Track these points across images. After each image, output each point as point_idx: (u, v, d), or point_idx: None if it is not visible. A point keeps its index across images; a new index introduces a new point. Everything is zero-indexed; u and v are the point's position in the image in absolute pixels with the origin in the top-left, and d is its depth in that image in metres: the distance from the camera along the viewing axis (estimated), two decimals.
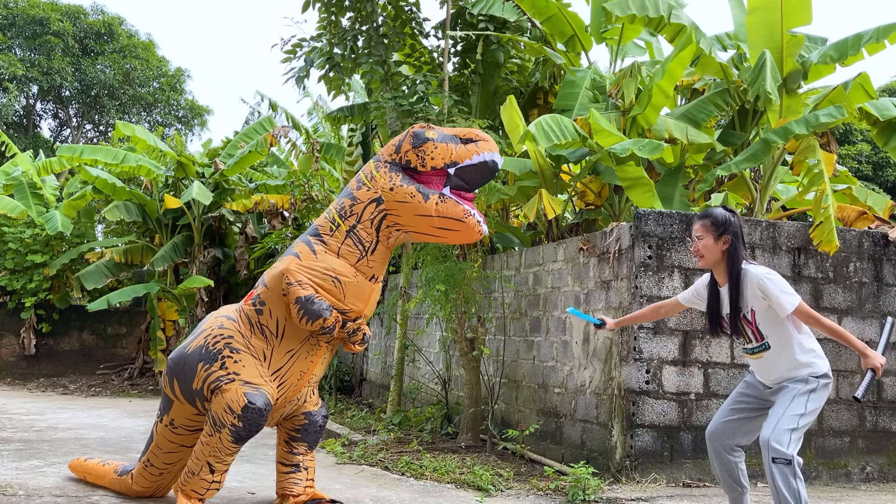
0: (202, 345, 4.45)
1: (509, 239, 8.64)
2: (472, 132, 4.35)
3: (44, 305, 13.61)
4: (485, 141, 4.29)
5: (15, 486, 4.98)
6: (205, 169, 12.85)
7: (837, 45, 7.22)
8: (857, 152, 19.82)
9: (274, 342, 4.38)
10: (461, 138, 4.32)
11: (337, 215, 4.43)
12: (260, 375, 4.34)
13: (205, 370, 4.37)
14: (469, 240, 4.37)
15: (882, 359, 3.78)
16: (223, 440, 4.26)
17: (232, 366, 4.34)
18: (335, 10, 9.37)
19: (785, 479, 3.58)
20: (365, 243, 4.38)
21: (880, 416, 6.35)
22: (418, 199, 4.24)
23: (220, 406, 4.26)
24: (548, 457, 6.56)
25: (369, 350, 11.29)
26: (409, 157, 4.33)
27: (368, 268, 4.40)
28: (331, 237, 4.39)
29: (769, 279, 3.80)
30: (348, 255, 4.36)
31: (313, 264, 4.32)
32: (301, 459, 4.67)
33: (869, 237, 6.54)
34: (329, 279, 4.30)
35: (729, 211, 3.96)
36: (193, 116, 28.96)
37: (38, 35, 24.81)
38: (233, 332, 4.44)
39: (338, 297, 4.32)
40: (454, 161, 4.24)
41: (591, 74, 8.19)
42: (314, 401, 4.73)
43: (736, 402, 4.02)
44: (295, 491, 4.60)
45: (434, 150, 4.27)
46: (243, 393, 4.23)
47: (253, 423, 4.23)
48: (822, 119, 6.41)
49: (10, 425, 7.91)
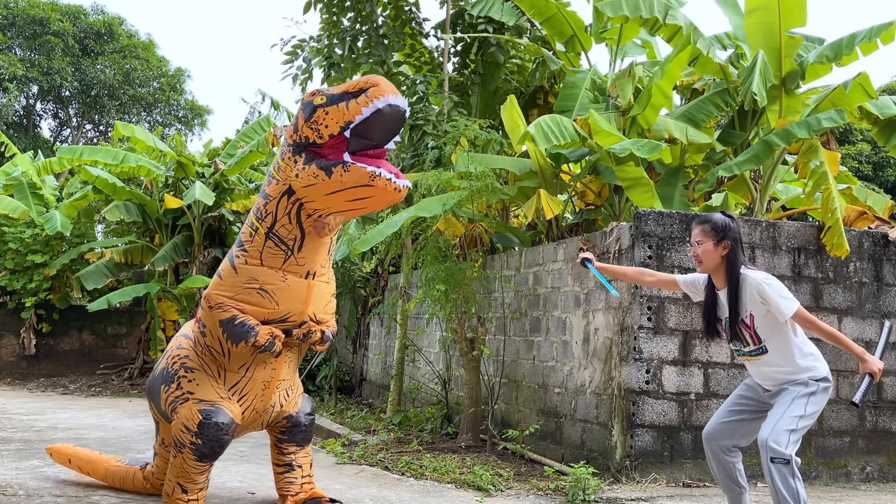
0: (165, 366, 4.47)
1: (509, 239, 8.64)
2: (362, 81, 3.83)
3: (44, 305, 13.61)
4: (375, 86, 3.76)
5: (15, 486, 4.98)
6: (205, 169, 12.85)
7: (833, 46, 7.23)
8: (858, 152, 19.81)
9: (223, 361, 4.27)
10: (350, 92, 3.81)
11: (254, 219, 4.15)
12: (216, 393, 4.25)
13: (165, 391, 4.37)
14: (389, 201, 3.92)
15: (880, 363, 3.78)
16: (187, 460, 4.19)
17: (186, 385, 4.28)
18: (336, 11, 9.38)
19: (784, 478, 3.59)
20: (288, 242, 4.08)
21: (880, 416, 6.36)
22: (322, 176, 3.84)
23: (178, 427, 4.20)
24: (548, 457, 6.56)
25: (369, 350, 11.29)
26: (306, 133, 3.92)
27: (299, 265, 4.13)
28: (252, 244, 4.13)
29: (768, 284, 3.80)
30: (272, 259, 4.10)
31: (234, 281, 4.12)
32: (293, 458, 4.62)
33: (869, 237, 6.54)
34: (253, 291, 4.08)
35: (727, 216, 3.97)
36: (193, 116, 28.98)
37: (38, 35, 24.81)
38: (188, 352, 4.39)
39: (269, 307, 4.11)
40: (347, 121, 3.79)
41: (590, 75, 8.19)
42: (294, 402, 4.63)
43: (735, 404, 4.03)
44: (292, 490, 4.57)
45: (326, 116, 3.82)
46: (197, 410, 4.16)
47: (213, 439, 4.14)
48: (824, 123, 6.43)
49: (10, 425, 7.91)
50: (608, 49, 8.88)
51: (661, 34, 7.93)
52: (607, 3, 7.34)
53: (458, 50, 9.74)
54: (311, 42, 9.54)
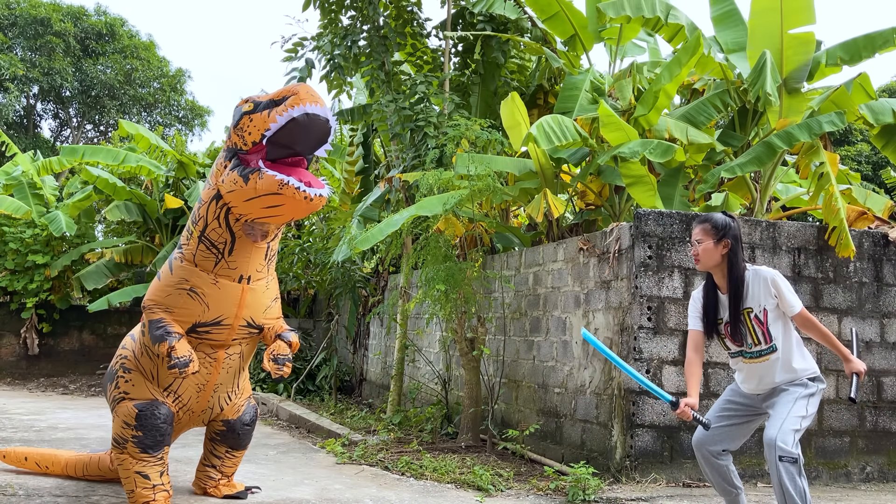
0: (111, 365, 4.62)
1: (509, 239, 8.64)
2: (286, 89, 3.84)
3: (44, 305, 13.61)
4: (294, 94, 3.76)
5: (15, 486, 4.98)
6: (205, 169, 12.86)
7: (846, 46, 7.22)
8: (857, 153, 19.80)
9: (157, 361, 4.33)
10: (275, 100, 3.83)
11: (190, 222, 4.26)
12: (151, 393, 4.36)
13: (109, 391, 4.52)
14: (303, 209, 3.86)
15: (862, 364, 3.95)
16: (132, 454, 4.27)
17: (123, 385, 4.42)
18: (335, 10, 9.38)
19: (791, 477, 3.61)
20: (218, 245, 4.11)
21: (880, 416, 6.36)
22: (240, 182, 3.87)
23: (118, 426, 4.35)
24: (548, 457, 6.56)
25: (369, 350, 11.29)
26: (234, 140, 3.99)
27: (231, 269, 4.15)
28: (188, 247, 4.21)
29: (780, 277, 3.90)
30: (204, 262, 4.15)
31: (169, 280, 4.21)
32: (220, 462, 4.79)
33: (869, 237, 6.54)
34: (184, 292, 4.14)
35: (728, 216, 3.99)
36: (193, 117, 28.99)
37: (39, 35, 24.82)
38: (128, 353, 4.51)
39: (198, 309, 4.15)
40: (267, 129, 3.80)
41: (590, 76, 8.19)
42: (236, 408, 4.69)
43: (723, 410, 4.04)
44: (209, 484, 4.79)
45: (249, 123, 3.87)
46: (133, 405, 4.30)
47: (153, 428, 4.25)
48: (825, 126, 6.44)
49: (10, 425, 7.91)
50: (607, 49, 8.87)
51: (662, 34, 7.93)
52: (609, 3, 7.34)
53: (459, 50, 9.74)
54: (311, 41, 9.53)
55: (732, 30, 7.94)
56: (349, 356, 12.07)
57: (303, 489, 5.27)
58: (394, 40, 9.24)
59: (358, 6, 9.30)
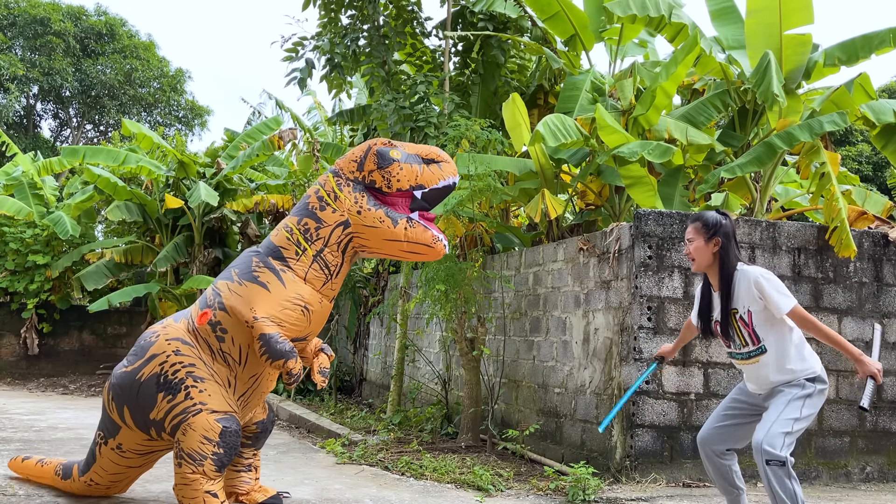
0: (158, 373, 4.23)
1: (509, 239, 8.64)
2: (434, 152, 4.33)
3: (44, 305, 13.61)
4: (447, 163, 4.30)
5: (15, 485, 4.99)
6: (206, 169, 12.86)
7: (844, 47, 7.22)
8: (858, 153, 19.80)
9: (237, 369, 4.27)
10: (423, 158, 4.30)
11: (302, 238, 4.29)
12: (227, 402, 4.24)
13: (167, 401, 4.18)
14: (432, 258, 4.42)
15: (878, 364, 3.76)
16: (208, 471, 4.11)
17: (197, 395, 4.17)
18: (335, 9, 9.37)
19: (780, 480, 3.57)
20: (331, 267, 4.30)
21: (880, 416, 6.35)
22: (388, 223, 4.21)
23: (195, 440, 4.10)
24: (548, 457, 6.56)
25: (369, 350, 11.29)
26: (373, 178, 4.26)
27: (332, 290, 4.36)
28: (297, 262, 4.26)
29: (765, 278, 3.78)
30: (315, 281, 4.28)
31: (283, 294, 4.18)
32: (251, 462, 4.75)
33: (869, 237, 6.54)
34: (298, 309, 4.20)
35: (721, 213, 3.95)
36: (193, 117, 28.99)
37: (39, 35, 24.82)
38: (194, 360, 4.24)
39: (304, 326, 4.27)
40: (420, 184, 4.23)
41: (590, 76, 8.19)
42: (263, 408, 4.76)
43: (728, 409, 4.01)
44: (244, 489, 4.68)
45: (399, 171, 4.22)
46: (215, 420, 4.12)
47: (232, 447, 4.18)
48: (826, 126, 6.43)
49: (10, 425, 7.91)
50: (607, 49, 8.87)
51: (665, 33, 7.92)
52: (616, 2, 7.34)
53: (459, 49, 9.74)
54: (311, 40, 9.53)
55: (731, 26, 7.94)
56: (349, 356, 12.07)
57: (303, 489, 5.27)
58: (394, 39, 9.23)
59: (358, 5, 9.30)
